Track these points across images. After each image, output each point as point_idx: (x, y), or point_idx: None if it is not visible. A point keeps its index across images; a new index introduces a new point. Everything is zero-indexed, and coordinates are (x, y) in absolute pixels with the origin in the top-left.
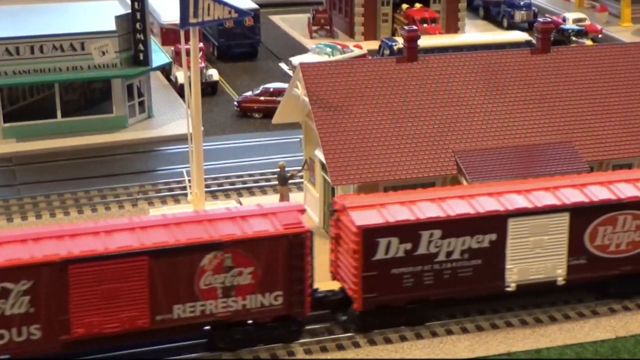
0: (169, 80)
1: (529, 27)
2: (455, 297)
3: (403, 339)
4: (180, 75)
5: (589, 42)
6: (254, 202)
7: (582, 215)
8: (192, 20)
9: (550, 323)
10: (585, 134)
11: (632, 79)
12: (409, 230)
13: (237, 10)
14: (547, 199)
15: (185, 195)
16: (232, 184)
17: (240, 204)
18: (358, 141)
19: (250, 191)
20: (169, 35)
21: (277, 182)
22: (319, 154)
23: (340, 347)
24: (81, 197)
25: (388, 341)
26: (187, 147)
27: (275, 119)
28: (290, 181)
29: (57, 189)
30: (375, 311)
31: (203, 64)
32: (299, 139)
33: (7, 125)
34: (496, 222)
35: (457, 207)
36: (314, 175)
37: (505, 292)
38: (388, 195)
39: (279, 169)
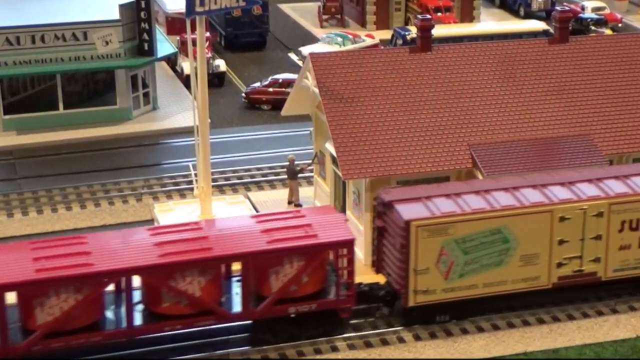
0: (175, 70)
1: (546, 16)
2: None
3: (417, 338)
4: (186, 66)
5: (608, 32)
6: (263, 196)
7: None
8: (198, 8)
9: (568, 322)
10: (604, 127)
11: None
12: None
13: None
14: None
15: (192, 189)
16: (239, 177)
17: (248, 198)
18: (370, 134)
19: (259, 185)
20: (175, 25)
21: (286, 176)
22: (330, 147)
23: (351, 347)
24: (84, 192)
25: (401, 340)
26: (193, 140)
27: (285, 111)
28: (300, 175)
29: (59, 183)
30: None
31: (210, 54)
32: (308, 132)
33: (7, 117)
34: None
35: None
36: (325, 169)
37: None
38: None
39: (288, 163)
